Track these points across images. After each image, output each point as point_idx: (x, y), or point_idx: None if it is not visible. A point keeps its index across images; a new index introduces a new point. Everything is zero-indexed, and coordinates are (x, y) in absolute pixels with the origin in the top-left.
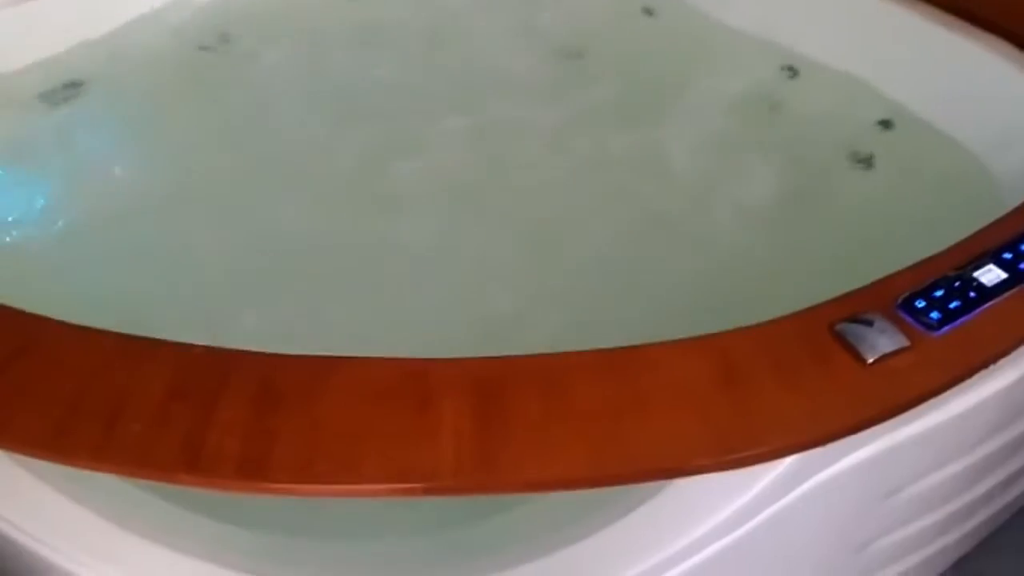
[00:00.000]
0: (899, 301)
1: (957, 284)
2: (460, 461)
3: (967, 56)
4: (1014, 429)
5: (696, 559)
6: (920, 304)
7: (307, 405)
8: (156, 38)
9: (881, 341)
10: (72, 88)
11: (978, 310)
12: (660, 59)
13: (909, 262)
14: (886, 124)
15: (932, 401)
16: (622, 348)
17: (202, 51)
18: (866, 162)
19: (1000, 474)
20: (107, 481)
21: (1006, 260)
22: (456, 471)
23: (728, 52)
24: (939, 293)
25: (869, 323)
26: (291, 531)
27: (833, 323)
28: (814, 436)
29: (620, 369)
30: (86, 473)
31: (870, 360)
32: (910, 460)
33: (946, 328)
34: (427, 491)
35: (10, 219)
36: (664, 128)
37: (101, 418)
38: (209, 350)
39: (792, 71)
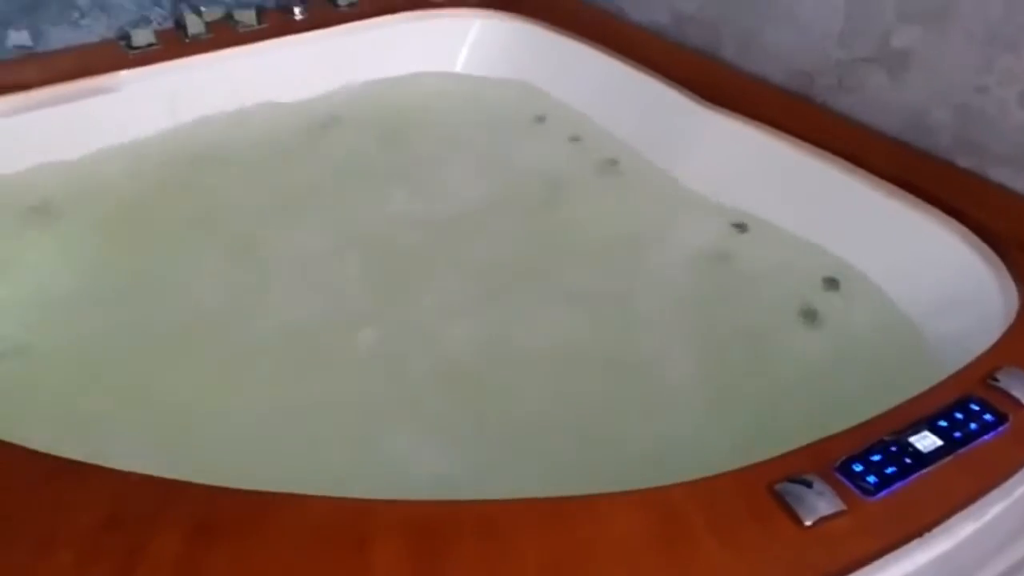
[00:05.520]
0: (837, 464)
1: (894, 449)
2: None
3: (911, 224)
4: None
5: None
6: (857, 468)
7: (242, 541)
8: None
9: (819, 504)
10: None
11: (913, 476)
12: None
13: (847, 422)
14: (831, 283)
15: (868, 567)
16: (566, 498)
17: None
18: (810, 320)
19: None
20: None
21: (941, 427)
22: None
23: (682, 207)
24: (876, 457)
25: (808, 484)
26: None
27: (772, 482)
28: None
29: (563, 520)
30: None
31: (808, 522)
32: None
33: (882, 493)
34: None
35: None
36: (618, 280)
37: (31, 545)
38: (146, 479)
39: (741, 227)
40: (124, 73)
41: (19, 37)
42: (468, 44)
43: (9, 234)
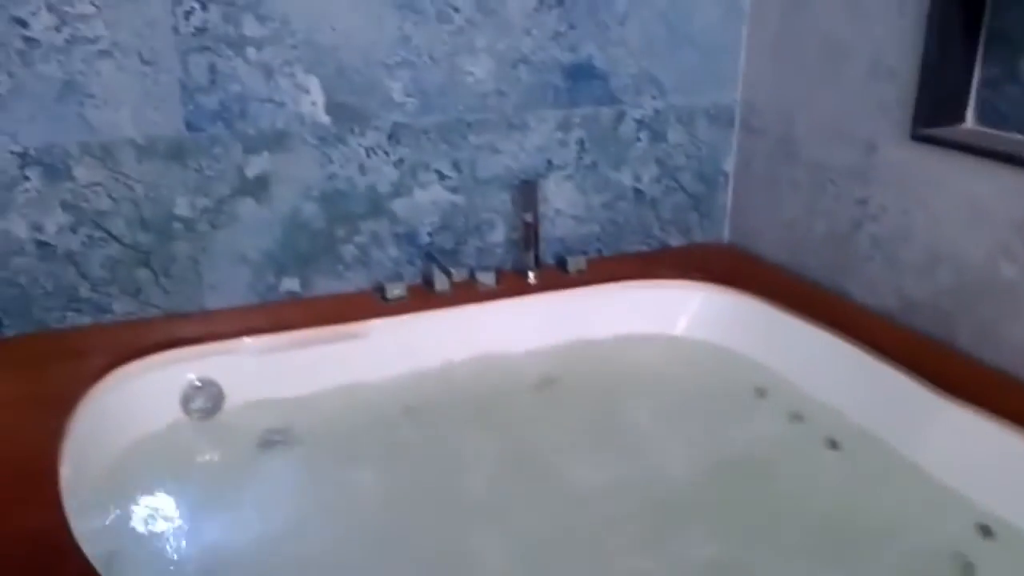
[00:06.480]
0: None
1: None
2: None
3: None
4: None
5: None
6: None
7: None
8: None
9: None
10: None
11: None
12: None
13: None
14: None
15: None
16: None
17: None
18: None
19: None
20: None
21: None
22: None
23: (917, 499)
24: None
25: None
26: None
27: None
28: None
29: None
30: None
31: None
32: None
33: None
34: None
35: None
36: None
37: None
38: None
39: (985, 531)
40: (376, 321)
41: (291, 284)
42: (690, 314)
43: (249, 458)
